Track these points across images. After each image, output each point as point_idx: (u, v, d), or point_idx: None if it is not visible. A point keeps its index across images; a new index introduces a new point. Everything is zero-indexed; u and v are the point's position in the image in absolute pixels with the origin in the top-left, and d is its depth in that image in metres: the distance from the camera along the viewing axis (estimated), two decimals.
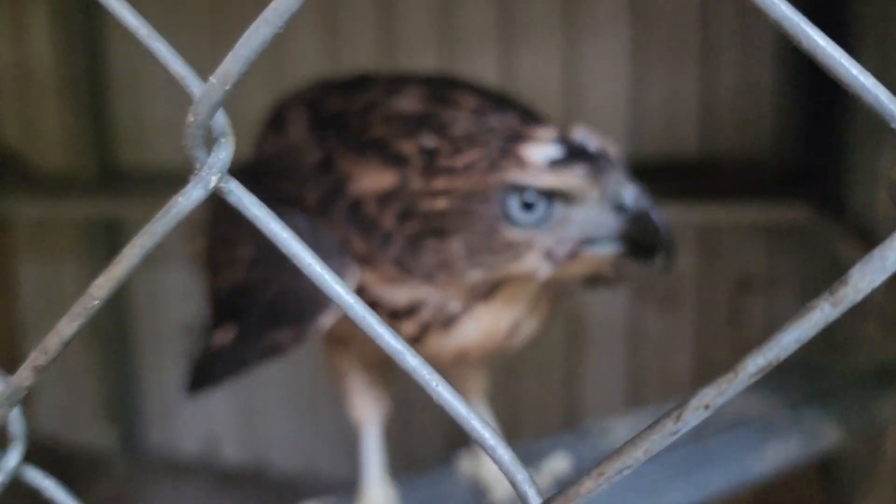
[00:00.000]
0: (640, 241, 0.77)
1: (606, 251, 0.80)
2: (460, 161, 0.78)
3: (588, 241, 0.78)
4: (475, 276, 0.82)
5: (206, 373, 0.94)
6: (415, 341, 0.90)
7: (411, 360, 0.43)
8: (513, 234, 0.78)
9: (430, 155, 0.81)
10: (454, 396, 0.44)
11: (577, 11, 2.89)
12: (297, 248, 0.47)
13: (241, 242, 0.94)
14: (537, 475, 1.05)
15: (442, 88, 0.96)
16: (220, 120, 0.49)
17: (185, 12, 3.28)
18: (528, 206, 0.77)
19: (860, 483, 1.89)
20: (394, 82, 0.99)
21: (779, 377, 1.26)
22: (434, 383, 0.43)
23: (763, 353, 0.37)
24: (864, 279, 0.34)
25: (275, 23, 0.45)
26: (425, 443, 3.29)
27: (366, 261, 0.86)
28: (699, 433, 1.08)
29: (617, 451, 0.41)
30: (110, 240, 3.40)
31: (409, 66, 3.07)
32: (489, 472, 1.06)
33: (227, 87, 0.47)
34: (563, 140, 0.78)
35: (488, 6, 2.97)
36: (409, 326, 0.88)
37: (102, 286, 0.52)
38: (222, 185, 0.49)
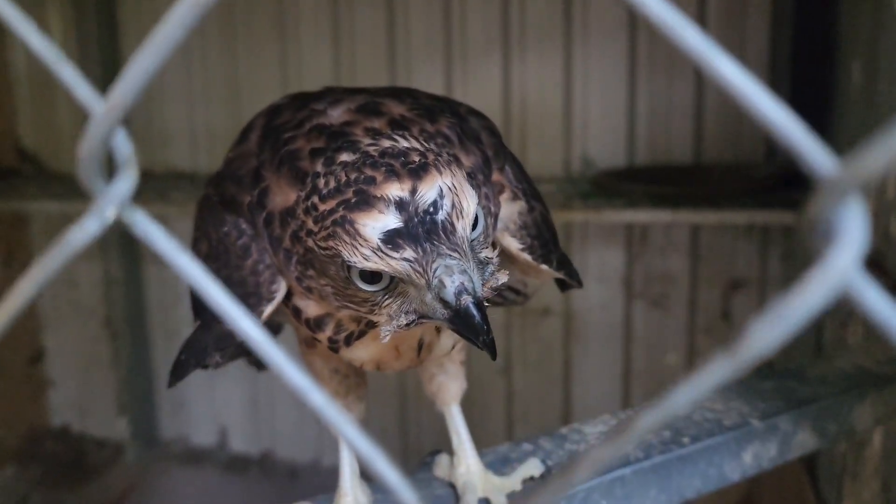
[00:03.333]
0: (462, 333, 0.74)
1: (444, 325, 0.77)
2: (323, 206, 0.75)
3: (426, 316, 0.76)
4: (345, 312, 0.82)
5: (178, 364, 0.95)
6: (333, 350, 0.91)
7: (317, 398, 0.42)
8: (363, 293, 0.77)
9: (313, 183, 0.77)
10: (357, 434, 0.42)
11: (576, 23, 2.95)
12: (205, 283, 0.44)
13: (200, 240, 0.96)
14: (509, 482, 1.03)
15: (380, 97, 0.92)
16: (123, 148, 0.45)
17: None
18: (370, 276, 0.75)
19: (847, 481, 1.93)
20: (347, 92, 0.95)
21: (758, 382, 1.24)
22: (339, 421, 0.42)
23: (655, 412, 0.34)
24: (764, 337, 0.30)
25: (162, 50, 0.42)
26: (421, 441, 3.36)
27: (281, 273, 0.86)
28: (675, 441, 1.07)
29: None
30: (123, 237, 3.44)
31: (412, 76, 3.14)
32: (460, 477, 1.04)
33: (119, 116, 0.44)
34: (409, 203, 0.71)
35: (491, 18, 3.04)
36: (322, 338, 0.89)
37: None
38: (124, 216, 0.45)
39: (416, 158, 0.74)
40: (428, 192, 0.72)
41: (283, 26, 3.26)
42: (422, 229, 0.71)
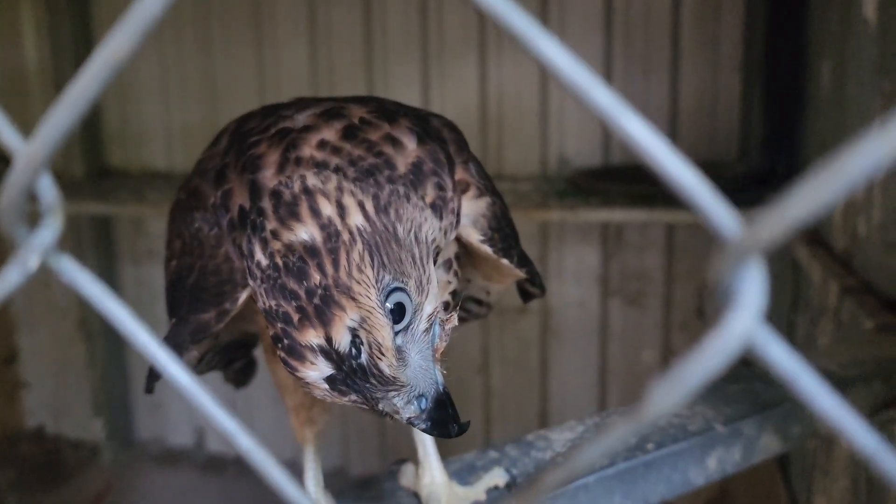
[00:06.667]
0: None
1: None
2: (261, 301, 0.76)
3: None
4: None
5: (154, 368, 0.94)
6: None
7: (244, 442, 0.42)
8: None
9: (248, 263, 0.78)
10: (285, 479, 0.42)
11: (552, 23, 2.96)
12: (133, 328, 0.44)
13: (173, 240, 0.96)
14: (472, 492, 1.03)
15: (346, 102, 0.92)
16: (47, 195, 0.43)
17: (172, 21, 3.33)
18: None
19: (817, 477, 1.95)
20: (317, 99, 0.95)
21: (724, 386, 1.23)
22: (267, 465, 0.42)
23: (562, 469, 0.34)
24: (664, 399, 0.30)
25: (79, 105, 0.41)
26: (399, 444, 3.36)
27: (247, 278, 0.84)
28: (639, 447, 1.07)
29: None
30: (98, 237, 3.44)
31: (389, 75, 3.13)
32: (425, 487, 1.04)
33: (42, 162, 0.42)
34: (331, 351, 0.73)
35: (467, 18, 3.03)
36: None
37: None
38: (50, 264, 0.44)
39: (317, 278, 0.73)
40: (342, 338, 0.73)
41: (260, 26, 3.24)
42: (355, 377, 0.74)
